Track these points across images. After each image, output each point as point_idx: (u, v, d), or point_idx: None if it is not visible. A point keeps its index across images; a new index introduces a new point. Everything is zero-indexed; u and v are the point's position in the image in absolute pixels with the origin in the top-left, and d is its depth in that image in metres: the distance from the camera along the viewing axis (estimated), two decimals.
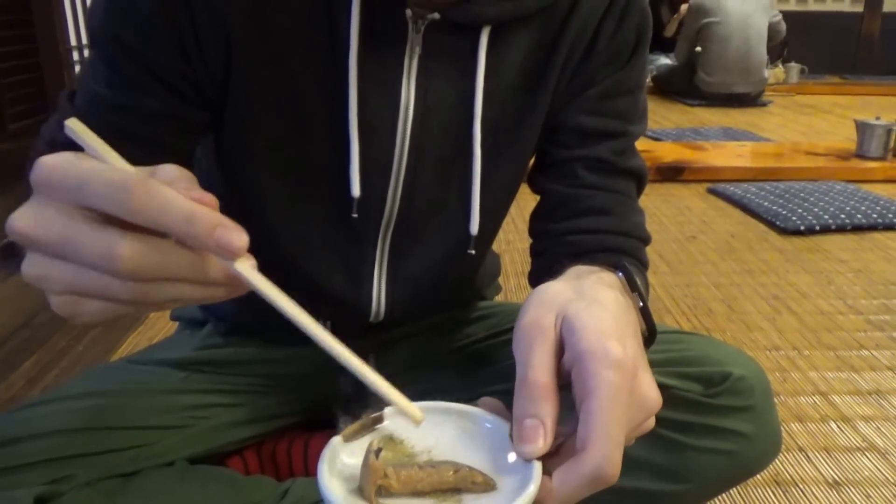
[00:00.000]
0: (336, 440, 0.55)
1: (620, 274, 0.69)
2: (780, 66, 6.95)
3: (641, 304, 0.68)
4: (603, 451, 0.50)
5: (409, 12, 0.77)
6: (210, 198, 0.46)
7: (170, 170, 0.48)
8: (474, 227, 0.87)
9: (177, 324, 1.13)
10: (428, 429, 0.57)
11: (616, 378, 0.51)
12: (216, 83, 0.78)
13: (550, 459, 0.52)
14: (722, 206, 3.29)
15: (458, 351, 1.06)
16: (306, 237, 0.87)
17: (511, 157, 0.89)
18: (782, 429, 0.94)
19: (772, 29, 6.04)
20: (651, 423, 0.58)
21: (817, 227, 2.89)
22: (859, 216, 2.98)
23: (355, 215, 0.83)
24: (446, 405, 0.59)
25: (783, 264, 2.57)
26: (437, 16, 0.77)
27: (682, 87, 6.36)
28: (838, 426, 1.57)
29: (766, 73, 6.20)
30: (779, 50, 6.38)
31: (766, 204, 3.16)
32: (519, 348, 0.55)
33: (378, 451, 0.51)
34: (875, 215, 2.99)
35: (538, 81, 0.86)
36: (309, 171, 0.83)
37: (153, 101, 0.76)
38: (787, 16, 6.19)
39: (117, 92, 0.76)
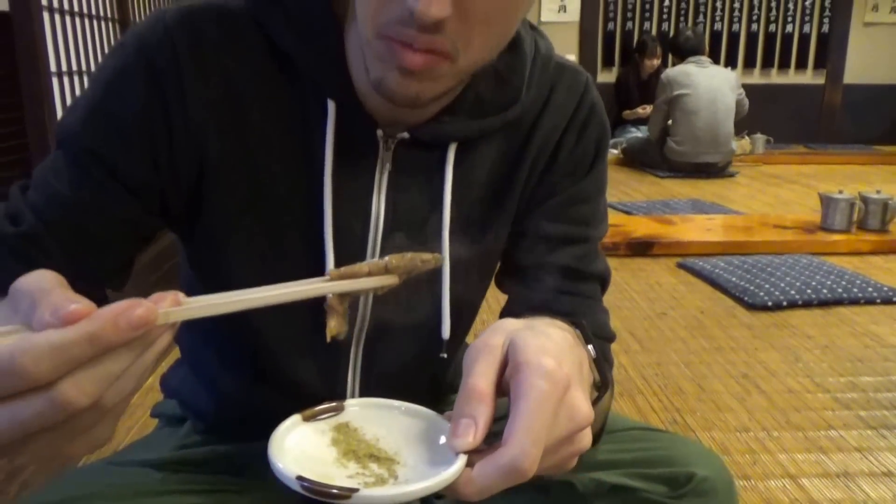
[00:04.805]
0: (294, 418, 0.62)
1: (578, 331, 0.73)
2: (746, 137, 7.12)
3: (594, 355, 0.72)
4: (521, 446, 0.54)
5: (379, 132, 0.81)
6: (84, 304, 0.46)
7: (40, 281, 0.49)
8: (445, 332, 0.89)
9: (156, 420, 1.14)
10: (380, 421, 0.65)
11: (546, 386, 0.56)
12: (181, 192, 0.81)
13: (479, 455, 0.56)
14: (692, 281, 3.34)
15: None
16: (282, 340, 0.89)
17: (479, 264, 0.92)
18: None
19: (738, 105, 6.21)
20: (587, 440, 0.62)
21: (784, 303, 2.94)
22: (825, 291, 3.04)
23: None
24: (400, 404, 0.67)
25: (752, 341, 2.61)
26: (406, 135, 0.81)
27: (652, 159, 6.49)
28: None
29: (734, 144, 6.34)
30: (741, 125, 6.56)
31: (734, 279, 3.22)
32: (466, 361, 0.60)
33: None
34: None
35: (503, 192, 0.90)
36: (283, 277, 0.86)
37: (115, 206, 0.78)
38: (751, 88, 6.36)
39: (79, 192, 0.77)
